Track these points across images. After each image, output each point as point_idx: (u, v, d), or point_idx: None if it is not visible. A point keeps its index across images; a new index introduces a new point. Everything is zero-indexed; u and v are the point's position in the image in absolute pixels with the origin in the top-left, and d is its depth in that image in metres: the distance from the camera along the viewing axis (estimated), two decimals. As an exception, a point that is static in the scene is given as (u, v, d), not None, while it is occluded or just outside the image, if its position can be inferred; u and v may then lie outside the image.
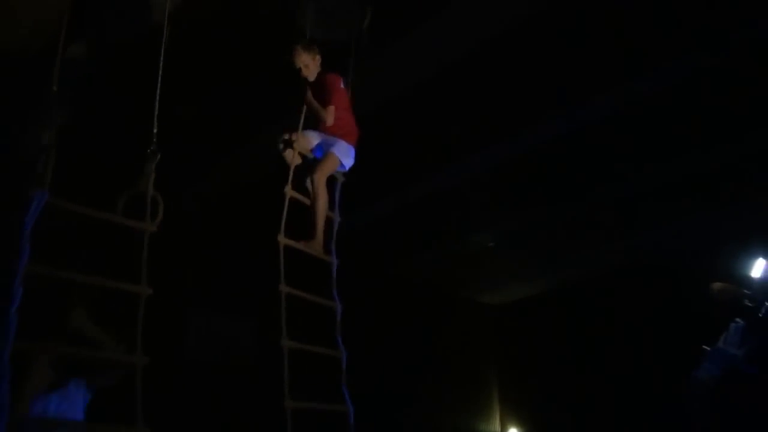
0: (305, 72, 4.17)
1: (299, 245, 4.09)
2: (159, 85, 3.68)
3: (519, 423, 10.67)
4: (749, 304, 4.14)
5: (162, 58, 3.71)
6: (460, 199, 7.64)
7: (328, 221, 4.29)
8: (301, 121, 4.26)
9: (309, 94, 4.20)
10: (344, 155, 4.29)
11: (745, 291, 4.22)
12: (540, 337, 10.34)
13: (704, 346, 4.36)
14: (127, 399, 2.96)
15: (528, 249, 9.01)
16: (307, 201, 4.22)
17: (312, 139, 4.33)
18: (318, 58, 4.22)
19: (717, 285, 4.45)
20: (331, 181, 4.37)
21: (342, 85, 4.33)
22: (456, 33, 4.94)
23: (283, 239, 3.98)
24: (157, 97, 3.66)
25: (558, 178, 7.15)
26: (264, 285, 7.61)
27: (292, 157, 4.19)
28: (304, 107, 4.25)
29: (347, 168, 4.36)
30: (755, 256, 4.32)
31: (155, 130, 3.60)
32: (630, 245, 8.81)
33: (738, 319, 4.21)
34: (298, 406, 3.67)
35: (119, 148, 4.95)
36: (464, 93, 5.69)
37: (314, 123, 4.31)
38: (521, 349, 10.68)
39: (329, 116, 4.14)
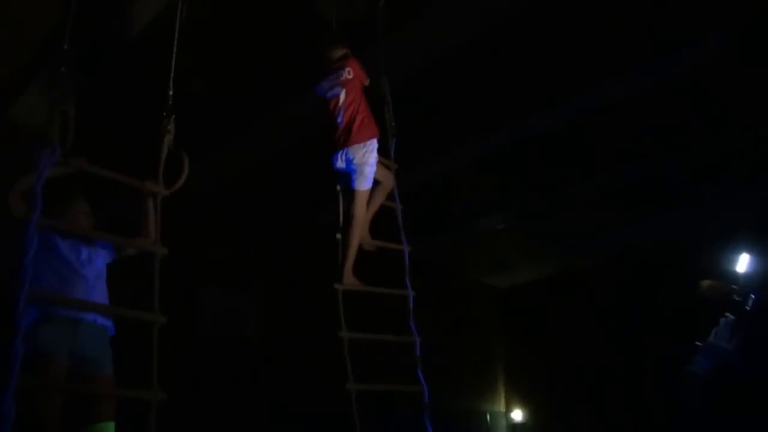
0: None
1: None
2: (175, 50, 3.66)
3: (523, 404, 10.84)
4: (737, 299, 4.21)
5: (177, 33, 3.71)
6: (469, 182, 7.69)
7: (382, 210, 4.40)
8: None
9: None
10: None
11: (733, 286, 4.28)
12: (546, 320, 10.43)
13: (696, 342, 4.44)
14: (142, 365, 3.00)
15: (536, 233, 9.07)
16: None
17: None
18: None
19: (705, 283, 4.52)
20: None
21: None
22: (463, 16, 4.92)
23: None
24: (173, 62, 3.63)
25: (567, 162, 7.19)
26: (275, 262, 7.85)
27: None
28: None
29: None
30: (739, 251, 4.38)
31: (171, 92, 3.56)
32: (634, 232, 8.87)
33: (727, 314, 4.28)
34: (363, 388, 3.78)
35: (136, 117, 5.03)
36: (473, 75, 5.69)
37: None
38: (527, 332, 10.80)
39: None
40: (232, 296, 7.74)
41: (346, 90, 4.12)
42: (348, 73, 4.13)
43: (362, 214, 4.14)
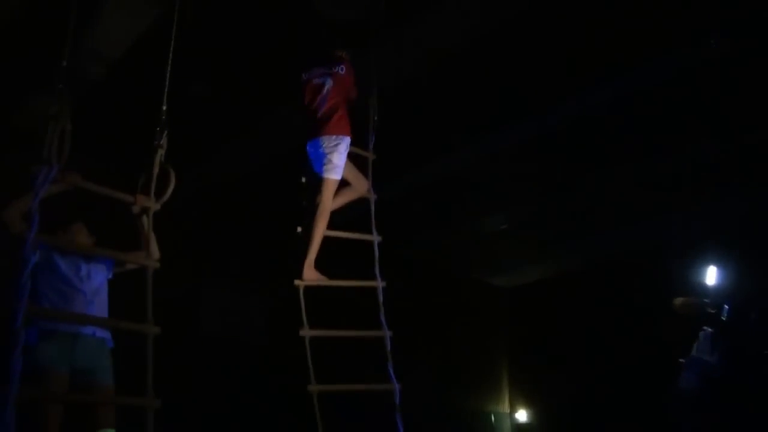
0: None
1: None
2: (170, 62, 3.68)
3: (528, 405, 10.84)
4: (711, 311, 4.27)
5: (173, 37, 3.73)
6: (473, 181, 7.64)
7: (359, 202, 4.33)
8: None
9: None
10: None
11: (705, 300, 4.35)
12: (550, 320, 10.40)
13: (680, 359, 4.51)
14: (138, 371, 3.05)
15: (540, 232, 9.00)
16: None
17: None
18: None
19: (678, 300, 4.58)
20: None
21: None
22: (470, 13, 4.91)
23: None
24: (168, 74, 3.66)
25: (568, 162, 7.15)
26: (277, 261, 7.88)
27: None
28: None
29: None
30: (706, 264, 4.44)
31: (165, 107, 3.57)
32: (636, 231, 8.83)
33: (706, 327, 4.35)
34: (324, 389, 3.74)
35: (131, 125, 5.11)
36: (476, 75, 5.68)
37: None
38: (531, 332, 10.77)
39: None
40: (236, 298, 7.80)
41: (334, 83, 4.15)
42: (341, 70, 4.21)
43: (328, 205, 3.98)
